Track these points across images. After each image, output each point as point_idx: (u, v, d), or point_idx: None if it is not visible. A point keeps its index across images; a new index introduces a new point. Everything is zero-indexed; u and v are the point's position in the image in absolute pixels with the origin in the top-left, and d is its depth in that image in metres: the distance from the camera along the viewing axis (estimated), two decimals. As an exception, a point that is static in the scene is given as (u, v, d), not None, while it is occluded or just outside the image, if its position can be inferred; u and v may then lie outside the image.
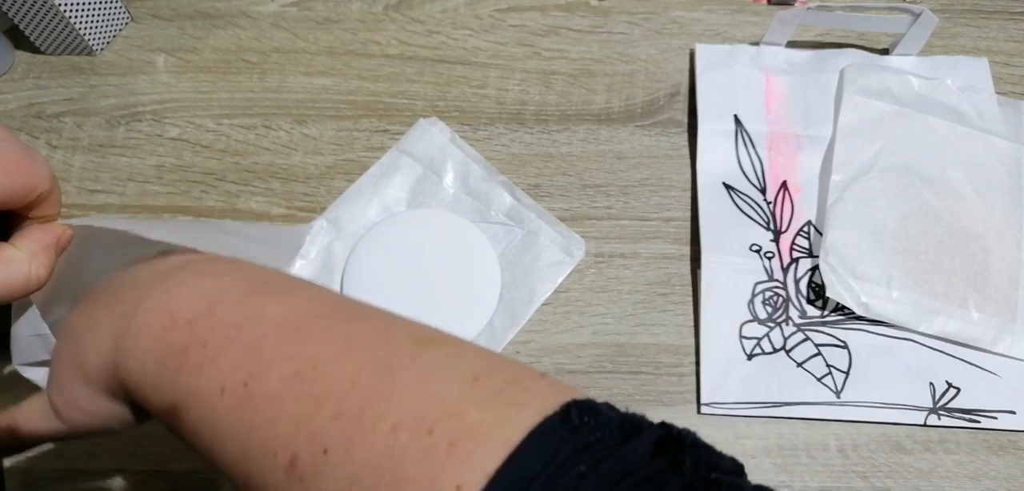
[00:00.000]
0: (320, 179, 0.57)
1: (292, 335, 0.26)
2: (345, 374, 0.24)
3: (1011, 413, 0.50)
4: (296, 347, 0.26)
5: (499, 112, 0.59)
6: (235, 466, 0.25)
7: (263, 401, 0.25)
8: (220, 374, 0.26)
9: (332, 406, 0.23)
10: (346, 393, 0.24)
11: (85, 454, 0.49)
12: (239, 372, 0.26)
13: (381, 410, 0.23)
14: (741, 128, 0.57)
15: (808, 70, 0.59)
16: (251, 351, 0.26)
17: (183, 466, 0.48)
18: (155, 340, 0.28)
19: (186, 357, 0.27)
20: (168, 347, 0.28)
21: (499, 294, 0.52)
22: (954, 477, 0.48)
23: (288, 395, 0.24)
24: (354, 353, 0.25)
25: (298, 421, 0.24)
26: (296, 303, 0.28)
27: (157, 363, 0.28)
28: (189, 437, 0.27)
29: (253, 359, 0.26)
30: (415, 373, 0.24)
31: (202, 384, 0.26)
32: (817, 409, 0.49)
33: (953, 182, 0.55)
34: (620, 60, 0.61)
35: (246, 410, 0.25)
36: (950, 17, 0.63)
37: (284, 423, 0.24)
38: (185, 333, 0.27)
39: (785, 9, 0.58)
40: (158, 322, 0.28)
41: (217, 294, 0.28)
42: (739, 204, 0.55)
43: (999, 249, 0.53)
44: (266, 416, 0.25)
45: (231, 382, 0.26)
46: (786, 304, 0.53)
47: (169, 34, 0.63)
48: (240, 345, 0.26)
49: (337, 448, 0.23)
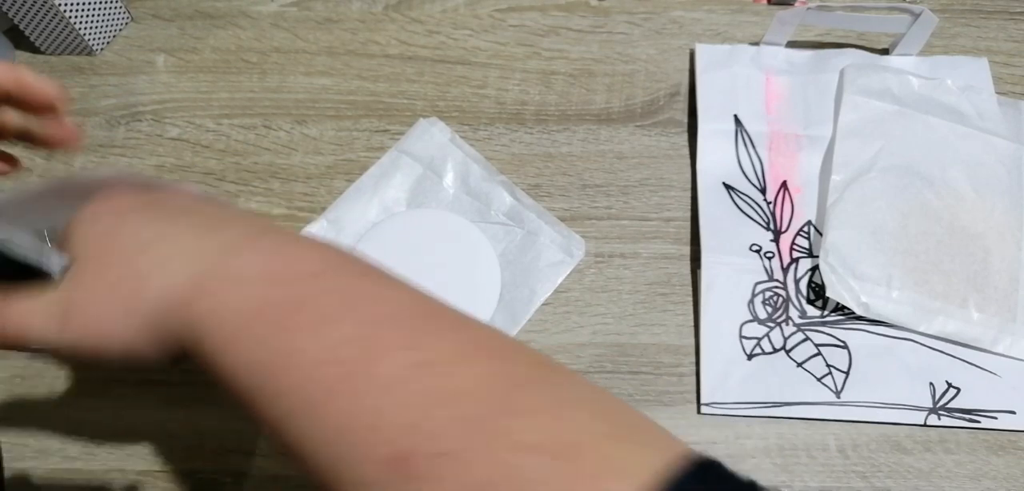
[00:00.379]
0: (320, 179, 0.57)
1: (416, 323, 0.24)
2: (473, 378, 0.23)
3: (1011, 413, 0.50)
4: (421, 336, 0.24)
5: (499, 112, 0.59)
6: (321, 445, 0.23)
7: (379, 383, 0.23)
8: (333, 343, 0.24)
9: (457, 409, 0.22)
10: (474, 399, 0.22)
11: (85, 454, 0.49)
12: (356, 345, 0.23)
13: (513, 426, 0.21)
14: (741, 128, 0.57)
15: (808, 70, 0.59)
16: (373, 327, 0.24)
17: (183, 466, 0.48)
18: (260, 287, 0.25)
19: (297, 315, 0.24)
20: (275, 299, 0.25)
21: (499, 294, 0.52)
22: (954, 477, 0.48)
23: (410, 384, 0.22)
24: (481, 359, 0.23)
25: (416, 415, 0.22)
26: (413, 293, 0.26)
27: (253, 312, 0.25)
28: (264, 401, 0.25)
29: (375, 336, 0.24)
30: (548, 396, 0.22)
31: (310, 347, 0.24)
32: (817, 409, 0.49)
33: (953, 182, 0.55)
34: (620, 60, 0.61)
35: (357, 387, 0.23)
36: (950, 17, 0.63)
37: (399, 412, 0.22)
38: (301, 288, 0.25)
39: (785, 9, 0.58)
40: (270, 268, 0.25)
41: (339, 260, 0.26)
42: (739, 204, 0.55)
43: (999, 249, 0.53)
44: (379, 401, 0.22)
45: (347, 354, 0.23)
46: (786, 304, 0.53)
47: (169, 34, 0.63)
48: (362, 317, 0.24)
49: (458, 454, 0.21)
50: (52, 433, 0.49)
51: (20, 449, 0.49)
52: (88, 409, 0.49)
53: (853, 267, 0.52)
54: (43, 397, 0.50)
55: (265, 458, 0.48)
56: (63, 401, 0.50)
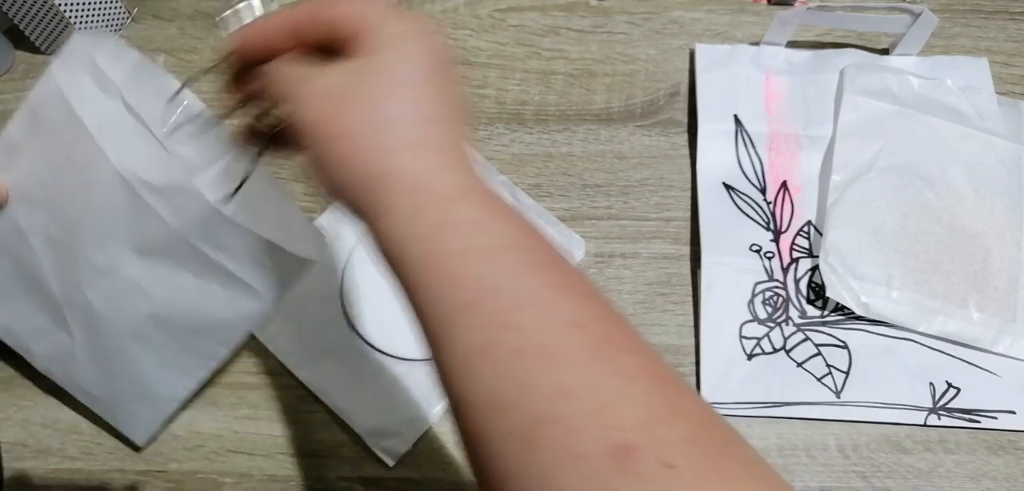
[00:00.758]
0: (320, 179, 0.57)
1: (638, 336, 0.25)
2: (697, 407, 0.23)
3: (1011, 413, 0.50)
4: (647, 347, 0.25)
5: (499, 112, 0.59)
6: (539, 400, 0.23)
7: (620, 369, 0.23)
8: (575, 310, 0.24)
9: (688, 429, 0.22)
10: (702, 426, 0.23)
11: (85, 454, 0.49)
12: (599, 322, 0.24)
13: (729, 470, 0.22)
14: (741, 128, 0.57)
15: (808, 70, 0.59)
16: (613, 325, 0.25)
17: (183, 466, 0.48)
18: (511, 227, 0.26)
19: (552, 266, 0.25)
20: (528, 247, 0.26)
21: (499, 294, 0.52)
22: (954, 477, 0.48)
23: (647, 386, 0.23)
24: (702, 403, 0.24)
25: (647, 417, 0.22)
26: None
27: (505, 243, 0.26)
28: (469, 332, 0.25)
29: (614, 328, 0.24)
30: (751, 455, 0.23)
31: (552, 300, 0.24)
32: (817, 409, 0.49)
33: (953, 182, 0.55)
34: (620, 60, 0.62)
35: (600, 357, 0.23)
36: (950, 17, 0.63)
37: (634, 407, 0.22)
38: (549, 255, 0.26)
39: (785, 9, 0.58)
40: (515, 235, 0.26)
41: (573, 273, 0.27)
42: (739, 204, 0.55)
43: (999, 249, 0.53)
44: (618, 385, 0.23)
45: (589, 320, 0.24)
46: (786, 304, 0.53)
47: (169, 34, 0.63)
48: (600, 301, 0.25)
49: (684, 472, 0.21)
50: (52, 433, 0.49)
51: (20, 449, 0.49)
52: (88, 409, 0.49)
53: (853, 267, 0.52)
54: (43, 397, 0.50)
55: (265, 458, 0.49)
56: (63, 401, 0.50)
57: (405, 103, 0.27)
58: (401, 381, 0.50)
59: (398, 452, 0.48)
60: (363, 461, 0.48)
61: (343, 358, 0.51)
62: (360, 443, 0.49)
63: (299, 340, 0.51)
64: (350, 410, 0.49)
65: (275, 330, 0.51)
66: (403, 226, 0.27)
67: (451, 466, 0.48)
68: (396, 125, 0.27)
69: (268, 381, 0.50)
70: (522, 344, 0.24)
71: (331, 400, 0.49)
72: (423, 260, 0.26)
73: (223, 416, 0.50)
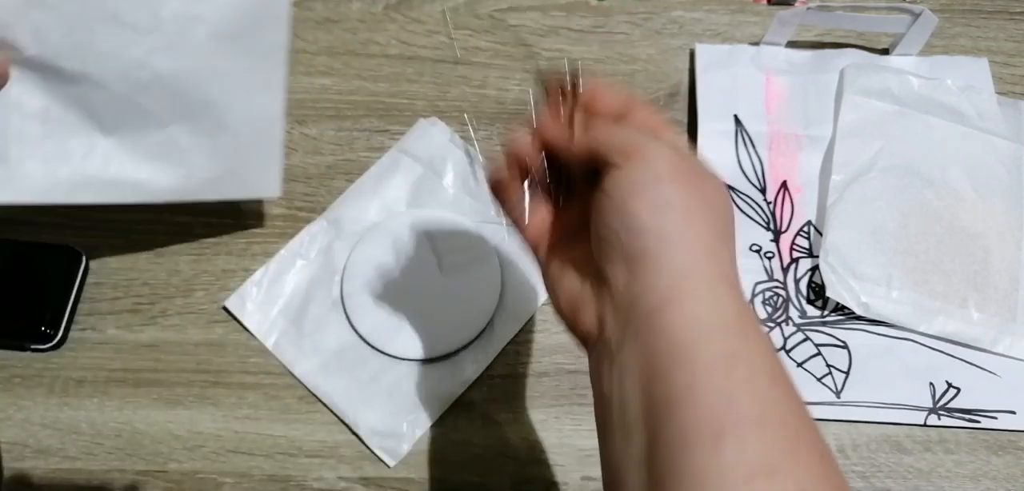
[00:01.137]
0: (320, 179, 0.57)
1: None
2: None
3: (1011, 413, 0.50)
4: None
5: (499, 112, 0.59)
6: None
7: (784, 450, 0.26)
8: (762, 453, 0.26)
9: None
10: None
11: (85, 454, 0.49)
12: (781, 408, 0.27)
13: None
14: (741, 128, 0.57)
15: (808, 70, 0.59)
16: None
17: (183, 466, 0.48)
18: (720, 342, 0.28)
19: (751, 335, 0.28)
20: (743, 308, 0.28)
21: (499, 294, 0.52)
22: (954, 477, 0.48)
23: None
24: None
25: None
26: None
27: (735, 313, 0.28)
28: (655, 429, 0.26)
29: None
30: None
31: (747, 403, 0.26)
32: (817, 409, 0.49)
33: (953, 182, 0.55)
34: (620, 60, 0.61)
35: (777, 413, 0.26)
36: (950, 17, 0.63)
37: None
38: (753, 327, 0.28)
39: (785, 9, 0.58)
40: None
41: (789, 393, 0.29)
42: (739, 204, 0.55)
43: (999, 249, 0.53)
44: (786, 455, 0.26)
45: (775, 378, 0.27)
46: (786, 304, 0.53)
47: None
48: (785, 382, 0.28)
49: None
50: (52, 433, 0.49)
51: (20, 449, 0.49)
52: (88, 409, 0.49)
53: (853, 267, 0.52)
54: (43, 397, 0.50)
55: (265, 458, 0.49)
56: (63, 401, 0.50)
57: (723, 219, 0.30)
58: (401, 381, 0.50)
59: (398, 452, 0.48)
60: (363, 461, 0.48)
61: (343, 358, 0.51)
62: (360, 443, 0.49)
63: (299, 340, 0.51)
64: (350, 410, 0.49)
65: (275, 330, 0.51)
66: (712, 313, 0.28)
67: (451, 466, 0.48)
68: (722, 224, 0.30)
69: (268, 381, 0.50)
70: (804, 485, 0.25)
71: (331, 400, 0.49)
72: (727, 357, 0.27)
73: (223, 416, 0.50)
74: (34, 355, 0.51)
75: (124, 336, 0.52)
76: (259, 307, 0.52)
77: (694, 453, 0.25)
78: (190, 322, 0.52)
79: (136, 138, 0.46)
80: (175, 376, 0.51)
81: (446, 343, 0.50)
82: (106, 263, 0.53)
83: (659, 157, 0.29)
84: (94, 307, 0.52)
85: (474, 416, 0.50)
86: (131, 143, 0.46)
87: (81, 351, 0.51)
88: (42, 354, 0.51)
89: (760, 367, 0.27)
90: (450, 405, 0.50)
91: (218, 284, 0.53)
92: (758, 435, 0.26)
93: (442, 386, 0.50)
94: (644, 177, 0.29)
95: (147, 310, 0.52)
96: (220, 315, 0.52)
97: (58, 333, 0.51)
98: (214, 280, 0.53)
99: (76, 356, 0.51)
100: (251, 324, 0.51)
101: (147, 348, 0.51)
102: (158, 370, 0.51)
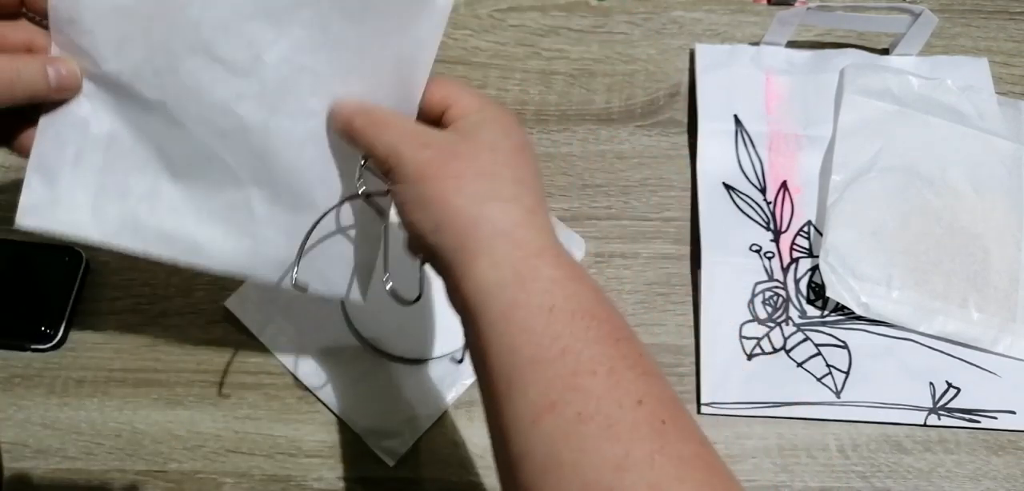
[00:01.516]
0: (320, 179, 0.57)
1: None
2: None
3: (1011, 413, 0.50)
4: (702, 437, 0.28)
5: (499, 112, 0.59)
6: (585, 471, 0.26)
7: (674, 455, 0.26)
8: (641, 388, 0.28)
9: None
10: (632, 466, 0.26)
11: (85, 454, 0.49)
12: (662, 404, 0.28)
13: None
14: (741, 128, 0.57)
15: (808, 70, 0.59)
16: (674, 409, 0.28)
17: (183, 466, 0.48)
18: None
19: (625, 341, 0.29)
20: (603, 317, 0.30)
21: (499, 294, 0.52)
22: (954, 477, 0.48)
23: (696, 471, 0.27)
24: (740, 486, 0.28)
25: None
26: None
27: (582, 308, 0.29)
28: (538, 388, 0.28)
29: (674, 412, 0.28)
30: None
31: (621, 374, 0.28)
32: (817, 409, 0.49)
33: (953, 182, 0.55)
34: (620, 60, 0.61)
35: (655, 436, 0.27)
36: (950, 17, 0.63)
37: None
38: (622, 329, 0.30)
39: (785, 9, 0.58)
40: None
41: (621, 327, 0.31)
42: (739, 204, 0.55)
43: (999, 249, 0.53)
44: (670, 470, 0.26)
45: (653, 401, 0.28)
46: (786, 304, 0.53)
47: None
48: (663, 382, 0.29)
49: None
50: (52, 433, 0.49)
51: (20, 449, 0.49)
52: (88, 409, 0.50)
53: (853, 267, 0.52)
54: (43, 397, 0.50)
55: (265, 458, 0.49)
56: (63, 401, 0.50)
57: (500, 165, 0.32)
58: (401, 381, 0.50)
59: (398, 452, 0.48)
60: (363, 461, 0.48)
61: (343, 358, 0.51)
62: (360, 443, 0.49)
63: (299, 340, 0.51)
64: (350, 410, 0.49)
65: (275, 330, 0.51)
66: (489, 270, 0.30)
67: (451, 466, 0.48)
68: (493, 179, 0.32)
69: (268, 381, 0.50)
70: (588, 410, 0.26)
71: (331, 400, 0.49)
72: (504, 309, 0.29)
73: (223, 416, 0.50)
74: (34, 355, 0.51)
75: (124, 336, 0.52)
76: (259, 307, 0.52)
77: (498, 407, 0.29)
78: (190, 322, 0.52)
79: (206, 192, 0.38)
80: (175, 376, 0.51)
81: (446, 343, 0.50)
82: (106, 263, 0.53)
83: (409, 163, 0.32)
84: (94, 307, 0.52)
85: (474, 416, 0.50)
86: (200, 197, 0.38)
87: (81, 351, 0.51)
88: (42, 354, 0.51)
89: (537, 307, 0.29)
90: (450, 405, 0.50)
91: (218, 284, 0.53)
92: (534, 376, 0.28)
93: (442, 386, 0.50)
94: (406, 195, 0.33)
95: (147, 310, 0.52)
96: (220, 315, 0.52)
97: (58, 333, 0.51)
98: (214, 280, 0.53)
99: (76, 356, 0.51)
100: (251, 324, 0.51)
101: (147, 348, 0.51)
102: (158, 370, 0.51)
